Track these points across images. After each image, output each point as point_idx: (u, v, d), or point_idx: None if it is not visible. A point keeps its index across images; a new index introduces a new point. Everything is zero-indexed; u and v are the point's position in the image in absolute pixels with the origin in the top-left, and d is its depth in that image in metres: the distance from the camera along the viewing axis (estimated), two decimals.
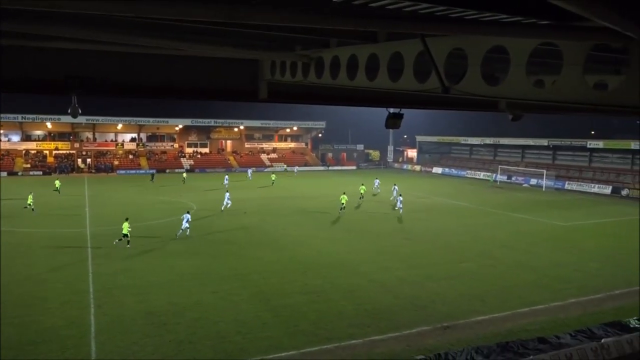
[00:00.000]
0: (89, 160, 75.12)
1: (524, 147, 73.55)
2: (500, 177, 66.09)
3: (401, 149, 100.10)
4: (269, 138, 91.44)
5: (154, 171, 69.27)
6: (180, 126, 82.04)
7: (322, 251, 25.89)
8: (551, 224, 35.41)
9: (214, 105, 77.67)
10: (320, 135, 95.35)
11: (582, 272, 22.82)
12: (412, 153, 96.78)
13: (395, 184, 47.16)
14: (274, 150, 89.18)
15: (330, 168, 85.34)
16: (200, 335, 15.21)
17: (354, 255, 25.16)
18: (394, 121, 12.57)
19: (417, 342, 15.08)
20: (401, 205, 38.40)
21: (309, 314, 17.04)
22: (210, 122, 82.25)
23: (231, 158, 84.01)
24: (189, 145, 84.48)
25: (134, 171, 73.48)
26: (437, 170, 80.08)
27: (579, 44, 6.35)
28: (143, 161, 77.66)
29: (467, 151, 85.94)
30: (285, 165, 79.36)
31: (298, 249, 26.18)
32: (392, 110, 12.67)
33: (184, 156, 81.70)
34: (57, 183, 47.15)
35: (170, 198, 45.13)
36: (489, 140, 77.68)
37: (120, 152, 79.00)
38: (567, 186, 59.10)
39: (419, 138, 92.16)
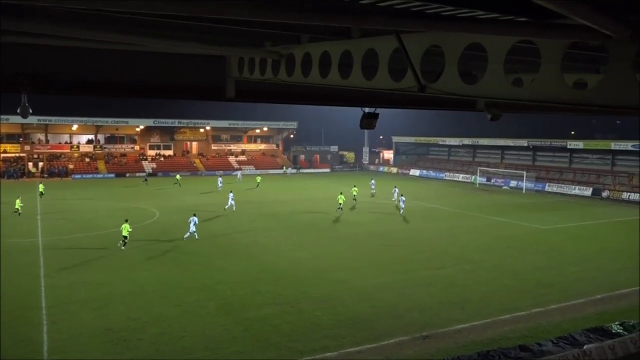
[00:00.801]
0: (41, 164, 73.18)
1: (503, 148, 75.09)
2: (480, 179, 67.30)
3: (377, 151, 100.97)
4: (237, 139, 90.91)
5: (147, 173, 71.24)
6: (142, 127, 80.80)
7: (294, 258, 25.85)
8: (531, 227, 36.21)
9: (178, 104, 76.97)
10: (292, 136, 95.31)
11: (562, 277, 23.39)
12: (388, 154, 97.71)
13: (395, 186, 49.02)
14: (243, 152, 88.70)
15: (301, 171, 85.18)
16: (163, 351, 14.97)
17: (329, 262, 25.20)
18: (369, 121, 12.65)
19: (396, 352, 15.18)
20: (403, 206, 40.97)
21: (281, 326, 16.98)
22: (174, 122, 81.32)
23: (197, 161, 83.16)
24: (151, 147, 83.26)
25: (90, 175, 71.99)
26: (415, 172, 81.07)
27: (557, 41, 6.53)
28: (101, 164, 76.12)
29: (446, 152, 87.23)
30: (285, 168, 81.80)
31: (268, 257, 26.07)
32: (367, 109, 12.75)
33: (146, 159, 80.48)
34: (41, 187, 47.98)
35: (130, 204, 44.33)
36: (467, 141, 79.05)
37: (76, 154, 77.21)
38: (547, 188, 60.58)
39: (395, 139, 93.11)
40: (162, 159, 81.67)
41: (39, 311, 17.95)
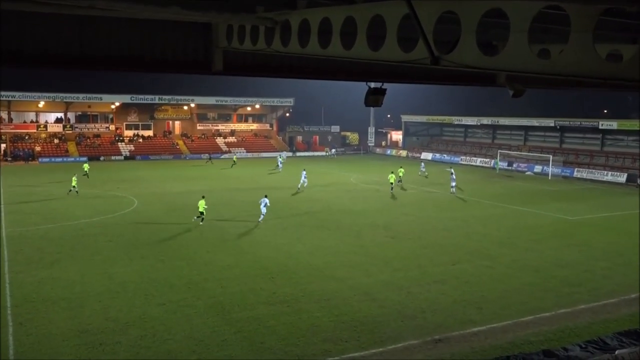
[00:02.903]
0: (3, 145, 73.05)
1: (526, 129, 74.96)
2: (500, 164, 67.32)
3: (384, 131, 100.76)
4: (225, 118, 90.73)
5: (209, 155, 73.96)
6: (117, 104, 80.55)
7: (291, 253, 25.96)
8: (557, 217, 36.31)
9: (159, 78, 76.54)
10: (287, 114, 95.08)
11: (592, 274, 23.51)
12: (396, 136, 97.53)
13: (451, 167, 53.81)
14: (232, 132, 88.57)
15: (297, 154, 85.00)
16: (145, 356, 15.08)
17: (330, 257, 25.32)
18: (375, 98, 12.65)
19: (405, 358, 15.31)
20: (454, 184, 45.53)
21: (277, 328, 17.10)
22: (154, 98, 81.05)
23: (180, 142, 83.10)
24: (128, 127, 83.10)
25: (60, 159, 71.92)
26: (427, 155, 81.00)
27: (589, 7, 6.49)
28: (71, 146, 76.06)
29: (462, 133, 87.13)
30: (329, 150, 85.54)
31: (263, 251, 26.18)
32: (372, 84, 12.74)
33: (122, 140, 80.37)
34: (86, 166, 52.93)
35: (105, 191, 44.41)
36: (486, 121, 78.86)
37: (43, 135, 77.12)
38: (576, 174, 60.61)
39: (404, 118, 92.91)
40: (140, 140, 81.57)
41: (3, 311, 18.02)
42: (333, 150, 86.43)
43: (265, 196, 33.05)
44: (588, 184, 55.72)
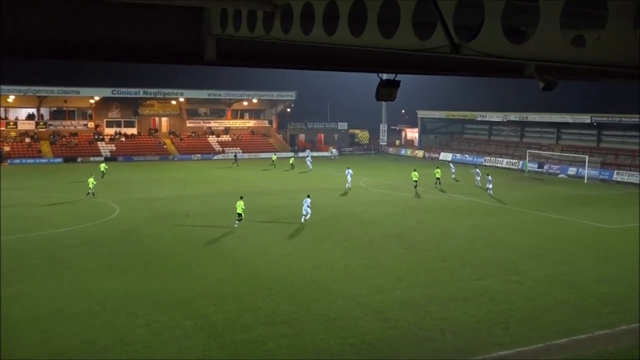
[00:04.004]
0: None
1: (559, 126, 74.88)
2: (530, 165, 67.24)
3: (398, 129, 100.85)
4: (218, 114, 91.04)
5: (236, 153, 76.10)
6: (97, 98, 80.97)
7: (293, 266, 25.97)
8: (594, 226, 36.20)
9: (143, 69, 76.90)
10: (288, 110, 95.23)
11: (635, 290, 23.38)
12: (412, 134, 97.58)
13: (476, 167, 58.55)
14: (227, 130, 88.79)
15: (299, 154, 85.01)
16: None
17: (337, 271, 25.31)
18: (387, 91, 12.66)
19: None
20: (490, 186, 47.58)
21: (277, 351, 17.10)
22: (138, 92, 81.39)
23: (167, 141, 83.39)
24: (109, 125, 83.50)
25: (32, 160, 72.23)
26: (446, 155, 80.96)
27: None
28: (45, 146, 76.38)
29: (486, 131, 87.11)
30: (331, 150, 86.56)
31: (261, 264, 26.20)
32: (385, 76, 12.75)
33: (102, 139, 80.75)
34: (103, 166, 55.81)
35: (82, 197, 44.50)
36: (513, 117, 78.84)
37: (13, 134, 77.53)
38: (615, 176, 60.48)
39: (421, 114, 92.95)
40: (123, 139, 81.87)
41: None
42: (334, 150, 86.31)
43: (308, 196, 35.13)
44: (629, 188, 55.50)
